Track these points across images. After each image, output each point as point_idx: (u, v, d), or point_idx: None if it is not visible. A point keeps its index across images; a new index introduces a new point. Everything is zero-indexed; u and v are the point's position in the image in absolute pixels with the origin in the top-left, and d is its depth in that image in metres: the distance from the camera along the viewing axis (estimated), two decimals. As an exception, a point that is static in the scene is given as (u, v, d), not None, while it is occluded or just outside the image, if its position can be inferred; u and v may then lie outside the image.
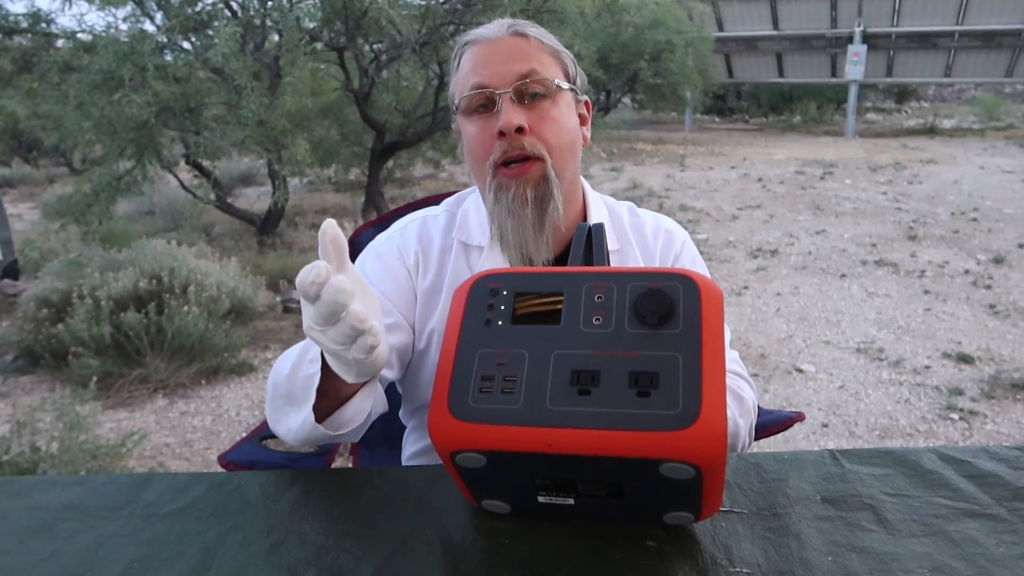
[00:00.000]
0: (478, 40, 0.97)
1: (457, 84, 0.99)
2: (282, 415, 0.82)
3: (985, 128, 16.26)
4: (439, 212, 1.08)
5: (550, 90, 0.95)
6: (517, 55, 0.95)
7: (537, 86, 0.94)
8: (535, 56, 0.96)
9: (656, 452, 0.55)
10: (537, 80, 0.94)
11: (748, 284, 5.00)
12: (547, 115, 0.95)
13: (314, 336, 0.63)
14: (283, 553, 0.64)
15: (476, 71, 0.95)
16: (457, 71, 0.99)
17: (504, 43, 0.96)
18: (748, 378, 1.02)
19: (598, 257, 0.77)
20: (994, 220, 6.77)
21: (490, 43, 0.96)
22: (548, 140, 0.94)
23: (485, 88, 0.94)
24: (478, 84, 0.94)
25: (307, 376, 0.76)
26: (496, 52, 0.95)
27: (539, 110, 0.94)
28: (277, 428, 0.85)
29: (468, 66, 0.97)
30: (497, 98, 0.93)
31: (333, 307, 0.59)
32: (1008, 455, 0.77)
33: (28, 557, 0.65)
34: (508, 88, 0.93)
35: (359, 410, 0.81)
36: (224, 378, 3.63)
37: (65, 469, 2.27)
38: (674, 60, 12.33)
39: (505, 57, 0.95)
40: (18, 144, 11.34)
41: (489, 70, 0.94)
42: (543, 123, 0.94)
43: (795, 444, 2.85)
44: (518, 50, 0.95)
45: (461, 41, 1.00)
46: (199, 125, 5.00)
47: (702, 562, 0.62)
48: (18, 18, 4.90)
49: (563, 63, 0.99)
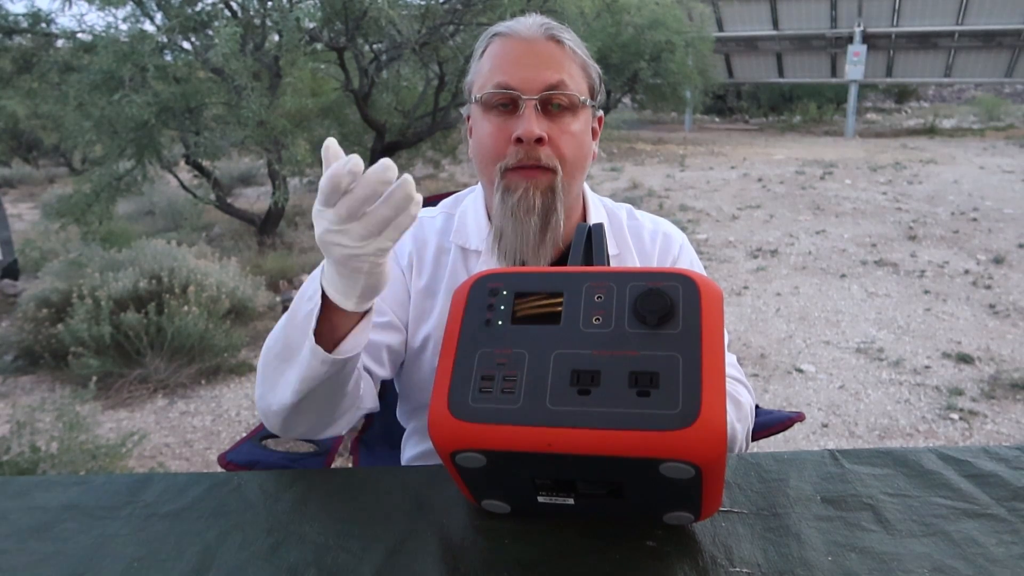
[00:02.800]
0: (510, 35, 0.94)
1: (479, 74, 0.96)
2: (277, 377, 0.80)
3: (985, 128, 16.27)
4: (436, 213, 1.07)
5: (575, 104, 0.93)
6: (549, 62, 0.92)
7: (563, 99, 0.92)
8: (566, 66, 0.93)
9: (656, 452, 0.55)
10: (564, 93, 0.92)
11: (748, 284, 5.01)
12: (567, 129, 0.93)
13: (330, 239, 0.67)
14: (283, 553, 0.64)
15: (504, 69, 0.92)
16: (481, 59, 0.96)
17: (538, 46, 0.93)
18: (746, 383, 1.02)
19: (598, 257, 0.77)
20: (994, 220, 6.78)
21: (523, 42, 0.93)
22: (564, 154, 0.93)
23: (511, 90, 0.91)
24: (504, 84, 0.91)
25: (306, 313, 0.75)
26: (527, 53, 0.93)
27: (560, 122, 0.92)
28: (270, 399, 0.82)
29: (496, 60, 0.94)
30: (521, 102, 0.91)
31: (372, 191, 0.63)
32: (1008, 455, 0.77)
33: (28, 557, 0.65)
34: (535, 95, 0.91)
35: (357, 343, 0.78)
36: (224, 378, 3.63)
37: (65, 469, 2.27)
38: (674, 60, 12.35)
39: (536, 61, 0.92)
40: (18, 144, 11.34)
41: (519, 72, 0.91)
42: (562, 136, 0.92)
43: (795, 444, 2.86)
44: (551, 56, 0.93)
45: (491, 30, 0.97)
46: (199, 125, 5.01)
47: (702, 562, 0.62)
48: (18, 18, 4.90)
49: (590, 76, 0.97)
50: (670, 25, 12.15)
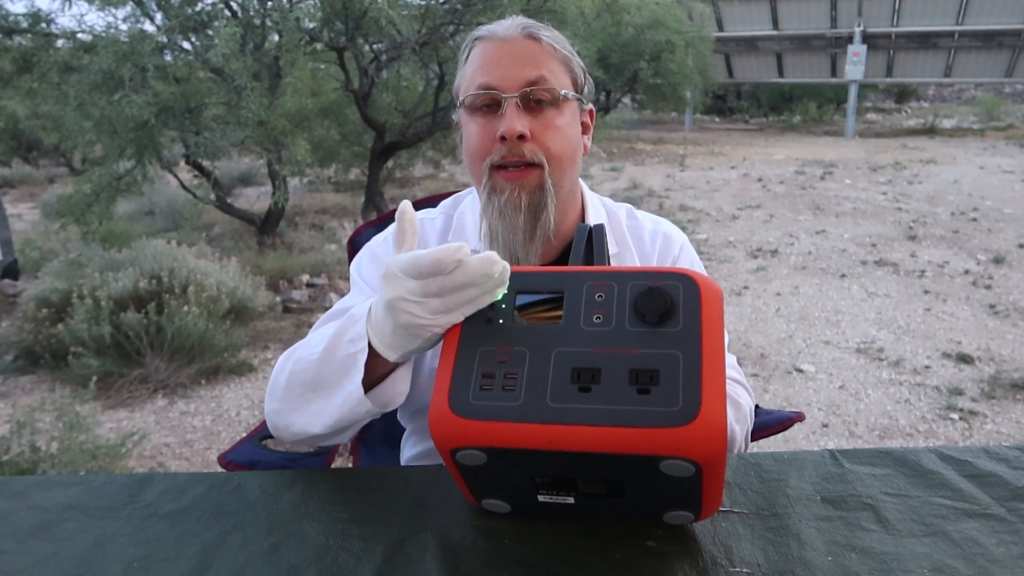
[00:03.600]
0: (490, 37, 0.96)
1: (464, 79, 0.97)
2: (303, 404, 0.81)
3: (985, 128, 16.27)
4: (436, 215, 1.08)
5: (556, 99, 0.94)
6: (527, 59, 0.94)
7: (544, 94, 0.93)
8: (545, 62, 0.94)
9: (656, 449, 0.55)
10: (545, 88, 0.93)
11: (748, 284, 5.01)
12: (551, 124, 0.94)
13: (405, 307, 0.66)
14: (283, 553, 0.64)
15: (484, 70, 0.94)
16: (465, 65, 0.98)
17: (516, 45, 0.95)
18: (746, 384, 1.02)
19: (599, 257, 0.77)
20: (994, 220, 6.78)
21: (502, 43, 0.95)
22: (549, 148, 0.93)
23: (492, 89, 0.93)
24: (485, 84, 0.93)
25: (348, 356, 0.75)
26: (507, 53, 0.94)
27: (543, 118, 0.93)
28: (293, 420, 0.83)
29: (477, 63, 0.95)
30: (503, 101, 0.92)
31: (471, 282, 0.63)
32: (1008, 455, 0.77)
33: (28, 557, 0.65)
34: (515, 93, 0.92)
35: (399, 391, 0.79)
36: (224, 378, 3.63)
37: (65, 469, 2.27)
38: (674, 60, 12.35)
39: (515, 60, 0.93)
40: (18, 144, 11.35)
41: (498, 72, 0.93)
42: (546, 131, 0.93)
43: (795, 444, 2.86)
44: (529, 54, 0.94)
45: (472, 35, 0.99)
46: (199, 125, 5.00)
47: (702, 562, 0.61)
48: (18, 18, 4.90)
49: (573, 71, 0.98)
50: (670, 25, 12.16)
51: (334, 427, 0.80)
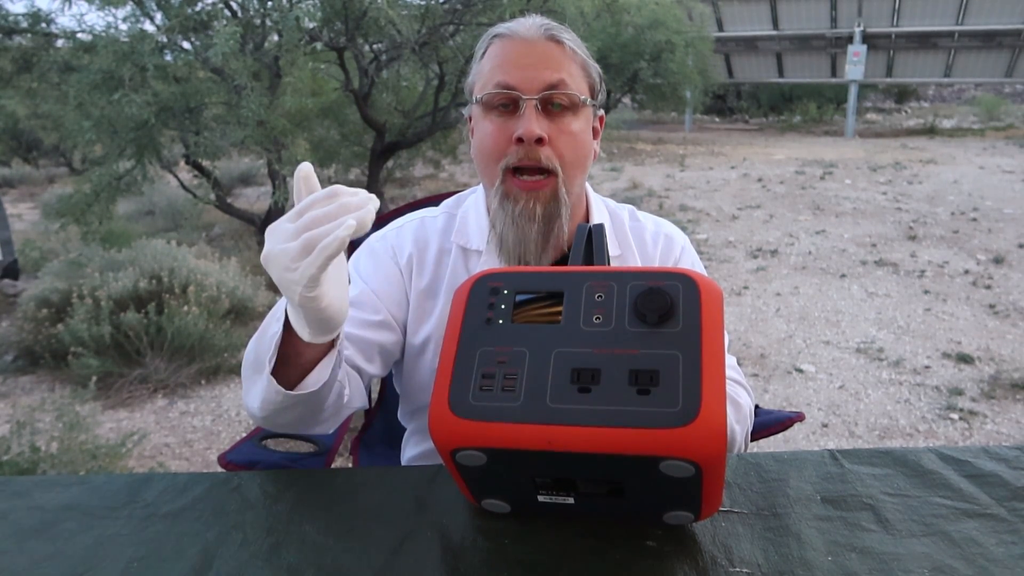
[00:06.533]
0: (511, 36, 0.95)
1: (480, 75, 0.96)
2: (251, 385, 0.82)
3: (985, 128, 16.26)
4: (437, 214, 1.07)
5: (575, 104, 0.94)
6: (549, 62, 0.93)
7: (563, 98, 0.92)
8: (566, 66, 0.94)
9: (656, 449, 0.55)
10: (565, 92, 0.92)
11: (748, 284, 5.01)
12: (567, 128, 0.93)
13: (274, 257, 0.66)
14: (283, 553, 0.64)
15: (504, 69, 0.93)
16: (482, 60, 0.97)
17: (538, 46, 0.94)
18: (746, 384, 1.01)
19: (599, 257, 0.77)
20: (994, 220, 6.78)
21: (523, 42, 0.94)
22: (564, 154, 0.93)
23: (511, 89, 0.92)
24: (504, 83, 0.92)
25: (272, 335, 0.76)
26: (527, 54, 0.93)
27: (560, 122, 0.93)
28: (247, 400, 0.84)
29: (496, 60, 0.94)
30: (521, 102, 0.91)
31: (312, 199, 0.65)
32: (1008, 455, 0.77)
33: (28, 557, 0.65)
34: (535, 95, 0.91)
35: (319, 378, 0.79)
36: (224, 378, 3.63)
37: (65, 469, 2.27)
38: (674, 60, 12.34)
39: (536, 61, 0.93)
40: (18, 144, 11.34)
41: (518, 72, 0.92)
42: (562, 136, 0.93)
43: (795, 444, 2.85)
44: (551, 56, 0.93)
45: (491, 31, 0.98)
46: (199, 125, 5.00)
47: (702, 562, 0.62)
48: (18, 18, 4.90)
49: (590, 76, 0.98)
50: (670, 25, 12.15)
51: (264, 409, 0.80)
